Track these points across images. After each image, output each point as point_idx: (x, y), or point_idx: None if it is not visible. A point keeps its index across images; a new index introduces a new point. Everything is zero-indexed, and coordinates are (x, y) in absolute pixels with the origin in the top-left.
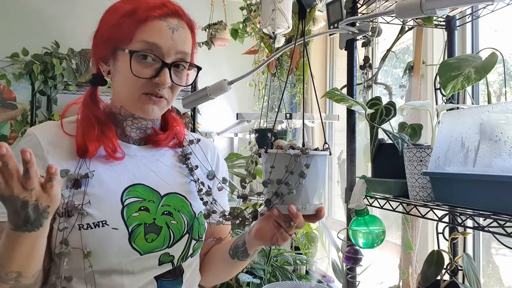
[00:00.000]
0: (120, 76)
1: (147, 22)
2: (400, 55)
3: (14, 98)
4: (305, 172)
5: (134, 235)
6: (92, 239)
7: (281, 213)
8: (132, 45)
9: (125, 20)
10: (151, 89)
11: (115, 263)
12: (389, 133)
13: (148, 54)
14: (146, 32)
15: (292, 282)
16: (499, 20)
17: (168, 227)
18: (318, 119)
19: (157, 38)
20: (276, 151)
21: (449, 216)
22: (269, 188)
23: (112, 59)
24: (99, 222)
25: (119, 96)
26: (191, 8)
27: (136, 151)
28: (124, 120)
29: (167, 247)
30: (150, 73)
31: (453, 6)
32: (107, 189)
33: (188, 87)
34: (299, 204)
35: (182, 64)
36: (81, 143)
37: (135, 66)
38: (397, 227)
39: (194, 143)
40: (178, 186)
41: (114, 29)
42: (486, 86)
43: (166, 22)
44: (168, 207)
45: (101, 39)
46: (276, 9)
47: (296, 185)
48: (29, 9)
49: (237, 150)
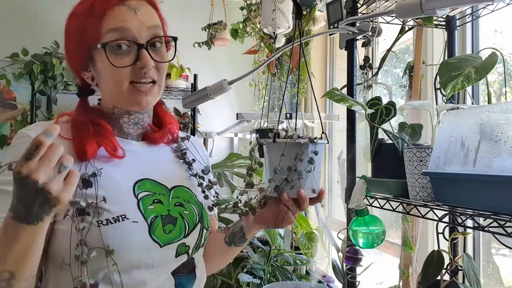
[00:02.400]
0: (103, 75)
1: (107, 13)
2: (400, 55)
3: (14, 98)
4: (314, 159)
5: (153, 227)
6: (113, 235)
7: (290, 197)
8: (102, 39)
9: (87, 20)
10: (137, 76)
11: (136, 258)
12: (389, 133)
13: (121, 41)
14: (110, 21)
15: (292, 282)
16: (499, 20)
17: (182, 218)
18: (318, 118)
19: (122, 22)
20: (285, 140)
21: (449, 216)
22: (278, 174)
23: (90, 63)
24: (118, 216)
25: (109, 96)
26: (191, 8)
27: (136, 147)
28: (119, 117)
29: (184, 237)
30: (130, 60)
31: (453, 6)
32: (118, 185)
33: (189, 88)
34: (307, 188)
35: (158, 41)
36: (78, 146)
37: (113, 58)
38: (397, 227)
39: (186, 140)
40: (181, 179)
41: (80, 33)
42: (486, 86)
43: (126, 5)
44: (178, 198)
45: (72, 48)
46: (276, 9)
47: (306, 171)
48: (29, 9)
49: (237, 150)
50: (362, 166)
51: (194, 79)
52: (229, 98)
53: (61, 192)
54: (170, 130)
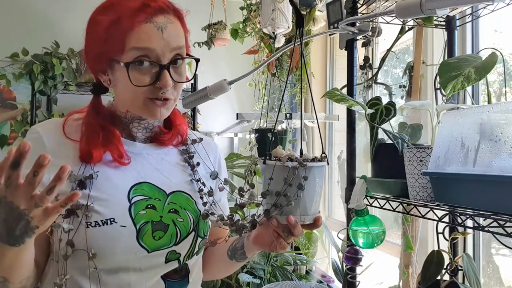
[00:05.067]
0: (121, 86)
1: (135, 29)
2: (400, 55)
3: (14, 98)
4: (303, 185)
5: (142, 233)
6: (100, 237)
7: (280, 223)
8: (126, 54)
9: (112, 32)
10: (155, 93)
11: (122, 261)
12: (389, 133)
13: (144, 59)
14: (136, 39)
15: (292, 282)
16: (499, 20)
17: (174, 225)
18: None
19: (147, 42)
20: (274, 163)
21: (449, 216)
22: (268, 199)
23: (109, 70)
24: (107, 219)
25: (123, 102)
26: (191, 8)
27: (141, 149)
28: (130, 122)
29: (174, 245)
30: (149, 79)
31: (453, 6)
32: (114, 187)
33: (189, 87)
34: (298, 214)
35: (179, 58)
36: (85, 150)
37: (134, 75)
38: (397, 227)
39: (197, 143)
40: (182, 184)
41: (103, 42)
42: (486, 86)
43: (153, 23)
44: (174, 205)
45: (92, 55)
46: (276, 9)
47: (295, 197)
48: (29, 9)
49: (237, 150)
50: (362, 166)
51: (194, 79)
52: (229, 98)
53: (43, 215)
54: (180, 131)
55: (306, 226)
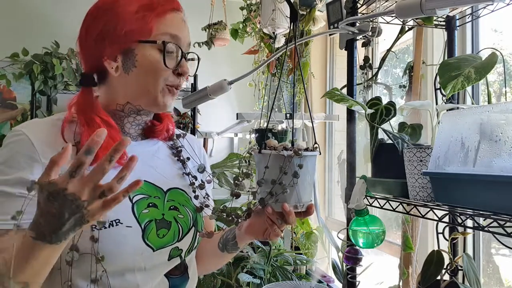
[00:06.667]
0: (140, 70)
1: (167, 15)
2: (400, 55)
3: (14, 98)
4: (299, 173)
5: (147, 232)
6: (106, 239)
7: (274, 211)
8: (156, 37)
9: (143, 13)
10: (174, 80)
11: (128, 262)
12: (389, 133)
13: (175, 45)
14: (166, 24)
15: (292, 282)
16: (499, 20)
17: (176, 222)
18: (317, 118)
19: (177, 30)
20: (270, 152)
21: (449, 216)
22: (263, 187)
23: (123, 54)
24: (112, 221)
25: (130, 91)
26: (191, 8)
27: (133, 147)
28: (125, 117)
29: (177, 241)
30: (173, 65)
31: (453, 6)
32: None
33: (189, 87)
34: (292, 202)
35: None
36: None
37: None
38: (397, 227)
39: (181, 137)
40: (176, 180)
41: (128, 22)
42: (486, 86)
43: (178, 14)
44: (173, 202)
45: (104, 32)
46: (276, 9)
47: (290, 185)
48: (29, 9)
49: (237, 150)
50: (362, 166)
51: (194, 79)
52: (229, 98)
53: (98, 212)
54: (168, 125)
55: (299, 214)
